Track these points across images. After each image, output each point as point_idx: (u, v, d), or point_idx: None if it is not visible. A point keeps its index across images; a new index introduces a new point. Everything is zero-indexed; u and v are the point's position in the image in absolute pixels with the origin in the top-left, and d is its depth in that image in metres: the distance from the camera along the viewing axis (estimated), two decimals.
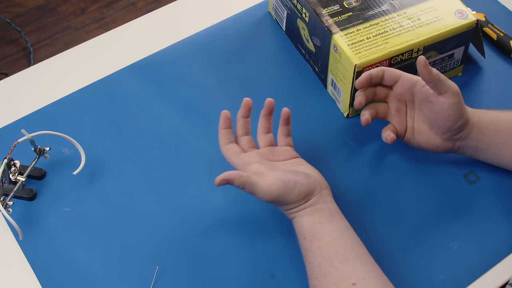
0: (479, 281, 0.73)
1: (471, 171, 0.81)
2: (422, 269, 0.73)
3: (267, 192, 0.70)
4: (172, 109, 0.88)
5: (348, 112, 0.87)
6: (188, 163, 0.83)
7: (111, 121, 0.87)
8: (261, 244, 0.76)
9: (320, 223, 0.69)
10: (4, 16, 2.00)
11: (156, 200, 0.79)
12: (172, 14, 1.01)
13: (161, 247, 0.75)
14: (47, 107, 0.89)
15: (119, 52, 0.96)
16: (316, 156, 0.83)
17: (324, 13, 0.85)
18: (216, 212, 0.78)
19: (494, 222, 0.77)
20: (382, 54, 0.81)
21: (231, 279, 0.73)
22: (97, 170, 0.82)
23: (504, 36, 0.95)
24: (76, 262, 0.74)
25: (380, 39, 0.82)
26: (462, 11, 0.85)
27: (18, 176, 0.78)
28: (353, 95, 0.84)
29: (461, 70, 0.91)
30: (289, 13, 0.93)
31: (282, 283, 0.73)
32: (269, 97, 0.77)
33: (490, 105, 0.89)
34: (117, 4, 2.09)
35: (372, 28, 0.84)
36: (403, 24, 0.84)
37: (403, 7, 0.86)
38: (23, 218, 0.78)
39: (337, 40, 0.82)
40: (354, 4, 0.86)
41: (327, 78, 0.88)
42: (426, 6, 0.86)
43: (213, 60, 0.94)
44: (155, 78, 0.92)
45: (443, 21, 0.84)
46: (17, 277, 0.74)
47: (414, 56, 0.83)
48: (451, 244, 0.75)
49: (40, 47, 1.96)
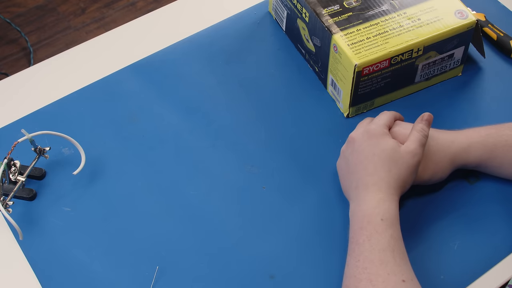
0: (479, 281, 0.73)
1: (471, 171, 0.81)
2: (422, 269, 0.73)
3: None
4: (172, 109, 0.88)
5: (348, 112, 0.87)
6: (188, 163, 0.83)
7: (111, 121, 0.87)
8: (261, 244, 0.76)
9: (398, 216, 0.69)
10: (4, 16, 2.00)
11: (156, 200, 0.79)
12: (172, 14, 1.01)
13: (161, 247, 0.75)
14: (47, 107, 0.89)
15: (119, 52, 0.96)
16: (316, 156, 0.83)
17: (324, 13, 0.85)
18: (216, 212, 0.78)
19: (494, 222, 0.77)
20: (382, 54, 0.81)
21: (231, 279, 0.73)
22: (97, 170, 0.82)
23: (504, 36, 0.95)
24: (76, 262, 0.74)
25: (380, 39, 0.82)
26: (462, 11, 0.85)
27: (18, 176, 0.78)
28: (353, 95, 0.84)
29: (461, 70, 0.91)
30: (289, 13, 0.93)
31: (282, 283, 0.73)
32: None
33: (490, 105, 0.89)
34: (117, 4, 2.09)
35: (372, 28, 0.84)
36: (403, 24, 0.84)
37: (403, 7, 0.86)
38: (23, 218, 0.78)
39: (337, 40, 0.82)
40: (354, 4, 0.86)
41: (327, 78, 0.88)
42: (426, 6, 0.86)
43: (213, 60, 0.94)
44: (155, 78, 0.92)
45: (443, 21, 0.84)
46: (17, 277, 0.74)
47: (414, 56, 0.83)
48: (451, 244, 0.75)
49: (40, 47, 1.97)
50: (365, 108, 0.87)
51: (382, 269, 0.65)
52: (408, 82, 0.88)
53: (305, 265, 0.74)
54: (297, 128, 0.84)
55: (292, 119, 0.78)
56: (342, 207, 0.77)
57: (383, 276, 0.64)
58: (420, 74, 0.87)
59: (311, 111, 0.88)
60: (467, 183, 0.81)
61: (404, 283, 0.64)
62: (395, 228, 0.68)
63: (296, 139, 0.84)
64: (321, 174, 0.81)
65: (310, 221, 0.77)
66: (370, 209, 0.69)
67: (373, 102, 0.87)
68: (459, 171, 0.80)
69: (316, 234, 0.76)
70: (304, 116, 0.87)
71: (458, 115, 0.87)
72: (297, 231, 0.77)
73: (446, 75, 0.91)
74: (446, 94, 0.90)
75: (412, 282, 0.65)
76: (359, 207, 0.70)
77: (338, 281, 0.69)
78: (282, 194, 0.80)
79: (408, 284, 0.64)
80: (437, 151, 0.75)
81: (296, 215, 0.78)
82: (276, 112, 0.88)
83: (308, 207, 0.78)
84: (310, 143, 0.84)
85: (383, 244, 0.66)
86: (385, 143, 0.72)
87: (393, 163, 0.71)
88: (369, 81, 0.83)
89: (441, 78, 0.90)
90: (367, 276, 0.64)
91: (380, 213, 0.68)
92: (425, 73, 0.88)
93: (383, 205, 0.69)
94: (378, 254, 0.65)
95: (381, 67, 0.82)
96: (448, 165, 0.76)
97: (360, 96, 0.85)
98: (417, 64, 0.85)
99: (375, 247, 0.66)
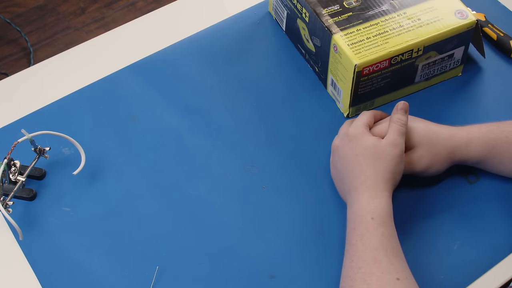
0: (479, 281, 0.73)
1: (471, 170, 0.81)
2: (422, 269, 0.73)
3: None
4: (172, 109, 0.88)
5: (348, 112, 0.87)
6: (188, 163, 0.83)
7: (111, 121, 0.87)
8: (261, 244, 0.76)
9: (390, 211, 0.69)
10: (4, 16, 2.00)
11: (156, 200, 0.79)
12: (172, 14, 1.01)
13: (161, 247, 0.75)
14: (47, 107, 0.89)
15: (119, 52, 0.96)
16: (315, 156, 0.83)
17: (324, 13, 0.85)
18: (216, 212, 0.78)
19: (494, 222, 0.77)
20: (382, 54, 0.81)
21: (231, 279, 0.73)
22: (97, 170, 0.82)
23: (504, 36, 0.95)
24: (76, 262, 0.74)
25: (380, 39, 0.82)
26: (462, 11, 0.85)
27: (18, 176, 0.78)
28: (353, 95, 0.84)
29: (461, 70, 0.91)
30: (289, 13, 0.93)
31: (282, 283, 0.73)
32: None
33: (490, 105, 0.89)
34: (117, 4, 2.09)
35: (372, 28, 0.84)
36: (403, 24, 0.84)
37: (403, 7, 0.86)
38: (23, 218, 0.78)
39: (337, 40, 0.82)
40: (354, 4, 0.86)
41: (327, 78, 0.88)
42: (426, 6, 0.86)
43: (213, 60, 0.94)
44: (155, 78, 0.92)
45: (443, 21, 0.84)
46: (17, 277, 0.74)
47: (414, 56, 0.83)
48: (451, 244, 0.75)
49: (40, 47, 1.97)
50: (365, 108, 0.87)
51: (376, 268, 0.65)
52: (408, 82, 0.88)
53: (305, 265, 0.74)
54: (297, 128, 0.84)
55: (292, 119, 0.78)
56: (342, 207, 0.76)
57: (377, 275, 0.64)
58: (420, 74, 0.87)
59: (311, 111, 0.88)
60: (467, 183, 0.81)
61: (398, 281, 0.64)
62: (387, 225, 0.68)
63: (296, 139, 0.84)
64: (321, 174, 0.81)
65: (310, 221, 0.77)
66: (360, 209, 0.69)
67: (373, 102, 0.87)
68: (459, 170, 0.80)
69: (316, 234, 0.76)
70: (304, 116, 0.87)
71: (458, 115, 0.87)
72: (297, 231, 0.77)
73: (446, 75, 0.91)
74: (446, 94, 0.90)
75: (407, 280, 0.65)
76: (351, 209, 0.71)
77: (337, 281, 0.69)
78: (282, 194, 0.80)
79: (403, 282, 0.64)
80: (437, 143, 0.76)
81: (296, 215, 0.78)
82: (276, 112, 0.88)
83: (308, 207, 0.78)
84: (310, 143, 0.84)
85: (375, 243, 0.66)
86: (365, 141, 0.73)
87: (376, 159, 0.72)
88: (369, 81, 0.83)
89: (441, 78, 0.90)
90: (362, 275, 0.65)
91: (370, 211, 0.69)
92: (425, 73, 0.88)
93: (372, 203, 0.69)
94: (371, 253, 0.66)
95: (381, 67, 0.82)
96: (446, 157, 0.76)
97: (360, 96, 0.85)
98: (417, 64, 0.85)
99: (367, 246, 0.66)
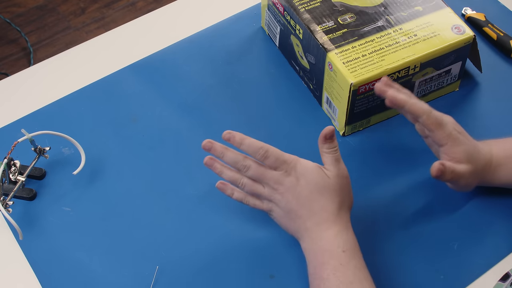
0: (479, 280, 0.73)
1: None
2: (422, 269, 0.73)
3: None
4: (172, 109, 0.88)
5: (344, 131, 0.85)
6: (188, 163, 0.83)
7: (111, 121, 0.87)
8: (261, 244, 0.76)
9: (356, 241, 0.69)
10: (4, 16, 2.00)
11: (156, 200, 0.79)
12: (172, 14, 1.01)
13: (161, 247, 0.75)
14: (47, 107, 0.89)
15: (119, 52, 0.96)
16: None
17: (318, 30, 0.83)
18: (216, 212, 0.78)
19: (494, 222, 0.77)
20: (378, 72, 0.79)
21: (231, 279, 0.73)
22: (97, 170, 0.82)
23: (504, 36, 0.95)
24: (76, 262, 0.74)
25: (376, 56, 0.80)
26: (459, 26, 0.83)
27: (18, 176, 0.78)
28: (349, 113, 0.82)
29: (458, 85, 0.90)
30: (282, 29, 0.91)
31: (282, 283, 0.73)
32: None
33: (489, 107, 0.89)
34: (117, 4, 2.09)
35: (367, 45, 0.81)
36: (399, 41, 0.82)
37: (399, 22, 0.84)
38: (23, 218, 0.78)
39: (332, 58, 0.80)
40: (349, 20, 0.84)
41: (322, 95, 0.86)
42: (422, 21, 0.84)
43: (213, 60, 0.94)
44: (155, 78, 0.92)
45: (440, 37, 0.82)
46: (17, 277, 0.74)
47: (411, 73, 0.81)
48: (451, 244, 0.75)
49: (40, 47, 1.97)
50: (361, 126, 0.86)
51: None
52: None
53: (305, 265, 0.74)
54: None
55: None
56: None
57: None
58: (417, 91, 0.85)
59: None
60: None
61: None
62: (357, 257, 0.67)
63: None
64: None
65: None
66: (328, 244, 0.68)
67: (369, 120, 0.85)
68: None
69: None
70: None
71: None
72: None
73: (443, 91, 0.89)
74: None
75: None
76: (315, 244, 0.69)
77: None
78: None
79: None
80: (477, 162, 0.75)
81: None
82: (276, 112, 0.88)
83: None
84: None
85: (350, 276, 0.66)
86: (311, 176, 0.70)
87: (331, 193, 0.70)
88: (365, 99, 0.81)
89: (438, 93, 0.89)
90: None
91: (340, 245, 0.67)
92: (422, 90, 0.86)
93: (341, 237, 0.68)
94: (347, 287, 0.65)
95: None
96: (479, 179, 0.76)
97: (356, 114, 0.83)
98: (413, 81, 0.83)
99: (342, 280, 0.65)
